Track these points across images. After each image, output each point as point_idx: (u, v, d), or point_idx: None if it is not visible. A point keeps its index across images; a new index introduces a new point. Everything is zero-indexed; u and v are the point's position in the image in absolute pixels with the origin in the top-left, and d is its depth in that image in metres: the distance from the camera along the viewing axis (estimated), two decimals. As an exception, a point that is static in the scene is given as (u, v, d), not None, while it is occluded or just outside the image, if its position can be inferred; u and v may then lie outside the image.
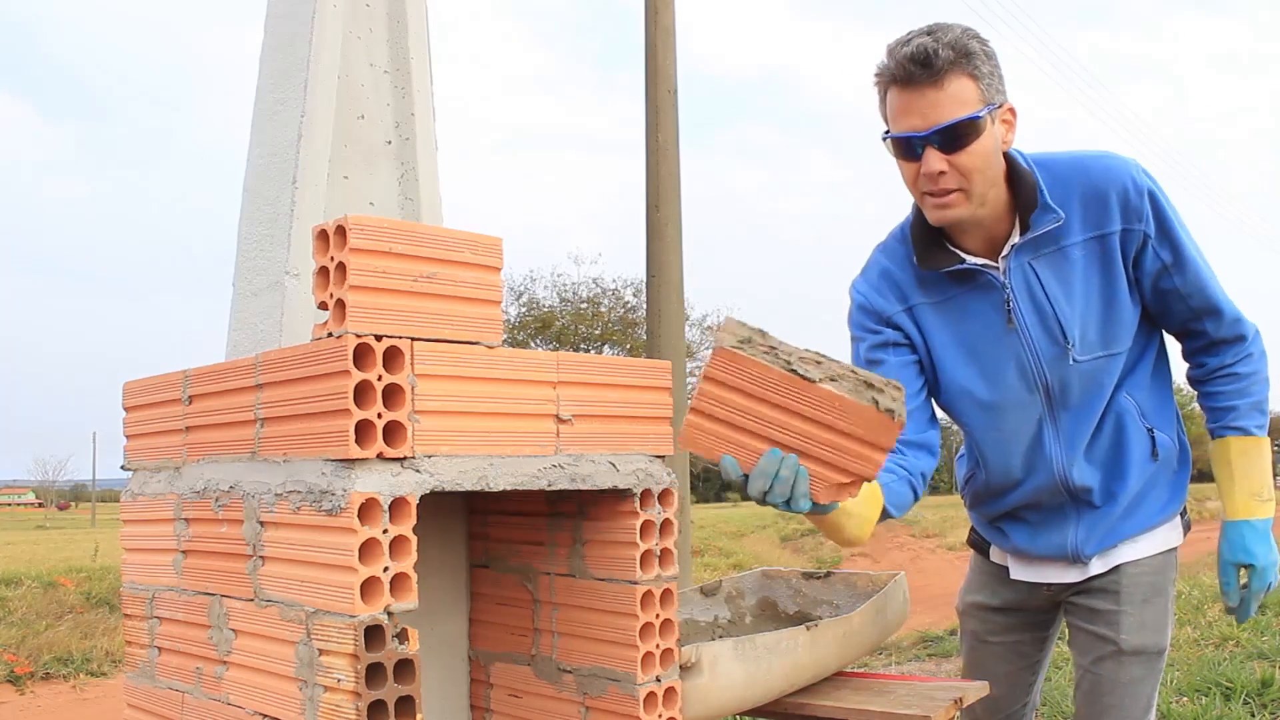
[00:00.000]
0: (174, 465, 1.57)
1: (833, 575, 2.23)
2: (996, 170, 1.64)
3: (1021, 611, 1.97)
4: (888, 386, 1.37)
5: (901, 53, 1.57)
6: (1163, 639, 1.79)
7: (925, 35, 1.57)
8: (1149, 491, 1.81)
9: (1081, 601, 1.85)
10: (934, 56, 1.54)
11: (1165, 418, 1.81)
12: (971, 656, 2.06)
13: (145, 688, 1.63)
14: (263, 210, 1.77)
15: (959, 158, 1.59)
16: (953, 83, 1.55)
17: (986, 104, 1.58)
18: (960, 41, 1.56)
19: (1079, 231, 1.67)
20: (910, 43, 1.57)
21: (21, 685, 6.42)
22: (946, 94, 1.55)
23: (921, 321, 1.80)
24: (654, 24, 8.02)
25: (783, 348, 1.42)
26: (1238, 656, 4.81)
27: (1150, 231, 1.66)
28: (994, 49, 1.62)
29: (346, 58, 1.84)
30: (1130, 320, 1.72)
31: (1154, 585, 1.79)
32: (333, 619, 1.22)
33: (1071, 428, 1.77)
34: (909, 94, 1.58)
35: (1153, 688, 1.79)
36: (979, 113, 1.57)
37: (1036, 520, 1.87)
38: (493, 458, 1.36)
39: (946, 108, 1.56)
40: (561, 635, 1.61)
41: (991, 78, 1.60)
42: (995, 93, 1.60)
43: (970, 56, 1.56)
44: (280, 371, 1.33)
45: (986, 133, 1.59)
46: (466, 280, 1.35)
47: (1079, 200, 1.66)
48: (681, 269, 7.94)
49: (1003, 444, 1.83)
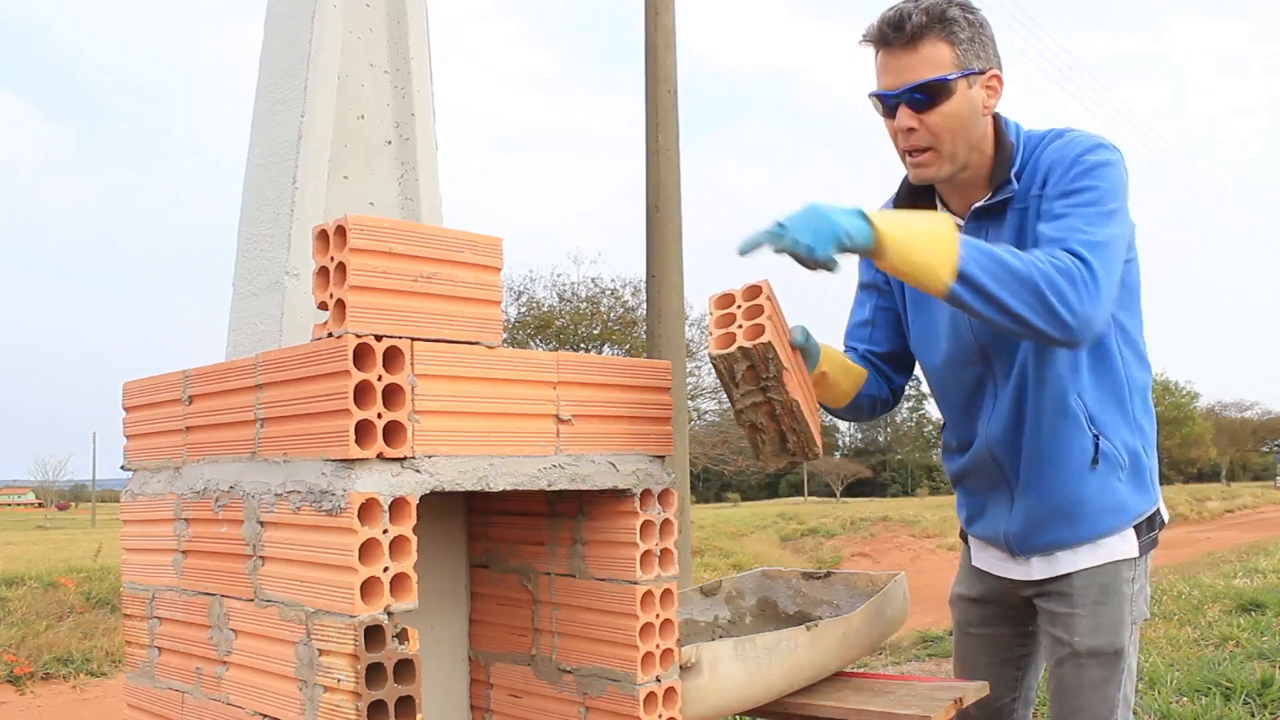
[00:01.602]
0: (174, 465, 1.57)
1: (833, 575, 2.23)
2: (974, 134, 1.70)
3: (998, 604, 1.99)
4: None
5: (882, 16, 1.67)
6: (1118, 640, 1.77)
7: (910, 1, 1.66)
8: (1089, 499, 1.77)
9: (1042, 605, 1.87)
10: (907, 20, 1.63)
11: (1116, 426, 1.77)
12: (958, 648, 2.10)
13: (145, 688, 1.63)
14: (263, 210, 1.77)
15: (929, 117, 1.66)
16: (926, 46, 1.64)
17: (962, 69, 1.65)
18: (938, 8, 1.64)
19: (1019, 199, 1.73)
20: (894, 7, 1.66)
21: (22, 685, 6.43)
22: (919, 56, 1.64)
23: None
24: (654, 24, 8.02)
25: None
26: (1238, 656, 4.81)
27: (1046, 191, 1.66)
28: (983, 19, 1.68)
29: (346, 58, 1.84)
30: None
31: (1106, 587, 1.78)
32: (333, 619, 1.22)
33: (1008, 403, 1.79)
34: (886, 55, 1.67)
35: (1117, 687, 1.79)
36: (949, 75, 1.64)
37: (977, 493, 1.93)
38: (493, 458, 1.36)
39: (917, 69, 1.64)
40: (561, 635, 1.61)
41: (972, 44, 1.66)
42: (974, 58, 1.66)
43: (947, 22, 1.64)
44: (280, 371, 1.33)
45: (959, 95, 1.66)
46: (466, 280, 1.35)
47: (1032, 167, 1.72)
48: (681, 269, 7.93)
49: (949, 397, 1.92)
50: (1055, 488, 1.79)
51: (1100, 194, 1.63)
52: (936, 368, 1.91)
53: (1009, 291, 1.51)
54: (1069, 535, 1.81)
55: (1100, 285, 1.54)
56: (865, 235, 1.51)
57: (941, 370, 1.89)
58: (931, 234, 1.53)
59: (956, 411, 1.91)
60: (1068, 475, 1.78)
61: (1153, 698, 4.04)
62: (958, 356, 1.84)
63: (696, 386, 22.35)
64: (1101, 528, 1.79)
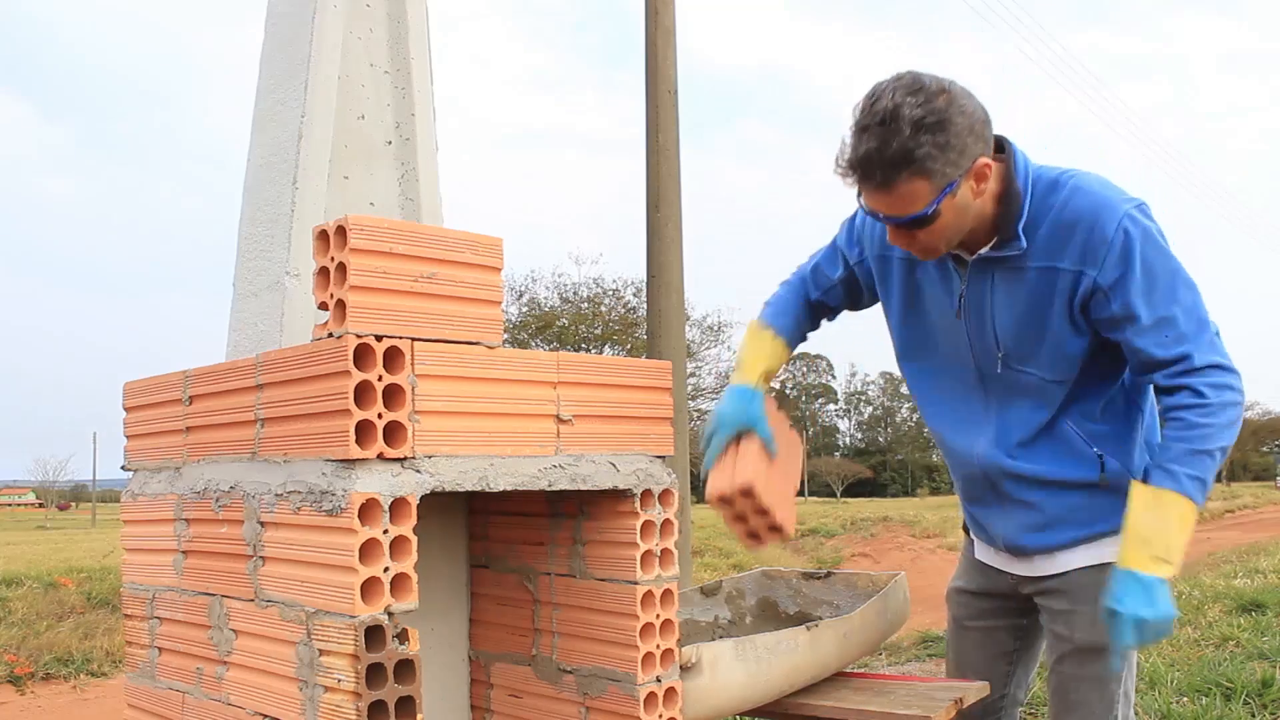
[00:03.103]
0: (174, 465, 1.57)
1: (833, 575, 2.23)
2: (971, 219, 1.69)
3: (997, 598, 2.01)
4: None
5: (851, 156, 1.62)
6: None
7: (875, 138, 1.58)
8: (1087, 505, 1.81)
9: (1043, 602, 1.90)
10: (875, 169, 1.59)
11: (1123, 450, 1.80)
12: (952, 642, 2.12)
13: (146, 688, 1.63)
14: (263, 210, 1.77)
15: (920, 235, 1.67)
16: (901, 186, 1.60)
17: (941, 191, 1.61)
18: (902, 150, 1.57)
19: (1039, 258, 1.71)
20: (863, 137, 1.59)
21: (22, 686, 6.42)
22: (895, 196, 1.61)
23: (890, 272, 1.90)
24: (654, 24, 8.02)
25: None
26: (1238, 656, 4.81)
27: (1103, 282, 1.66)
28: (951, 116, 1.58)
29: (346, 58, 1.84)
30: (1070, 353, 1.73)
31: (1105, 584, 1.78)
32: (333, 619, 1.22)
33: (1002, 421, 1.82)
34: (863, 187, 1.65)
35: (1118, 683, 1.82)
36: (927, 209, 1.62)
37: (975, 499, 1.94)
38: (493, 458, 1.36)
39: (897, 206, 1.63)
40: (561, 635, 1.61)
41: (947, 159, 1.59)
42: (952, 170, 1.60)
43: (915, 161, 1.57)
44: (280, 372, 1.33)
45: (945, 209, 1.64)
46: (467, 280, 1.35)
47: (1051, 227, 1.69)
48: (681, 269, 7.94)
49: (940, 404, 1.93)
50: (1053, 500, 1.82)
51: (1161, 271, 1.66)
52: (930, 373, 1.92)
53: (1217, 461, 1.67)
54: (1068, 537, 1.83)
55: (1219, 355, 1.67)
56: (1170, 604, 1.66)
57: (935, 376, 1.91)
58: (1182, 522, 1.64)
59: (951, 425, 1.92)
60: (1067, 491, 1.81)
61: (1153, 698, 4.04)
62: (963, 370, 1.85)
63: (696, 387, 22.36)
64: (1101, 527, 1.81)
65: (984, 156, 1.63)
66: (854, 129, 1.61)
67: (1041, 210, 1.69)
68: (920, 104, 1.56)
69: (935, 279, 1.82)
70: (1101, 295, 1.66)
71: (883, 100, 1.58)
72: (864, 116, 1.59)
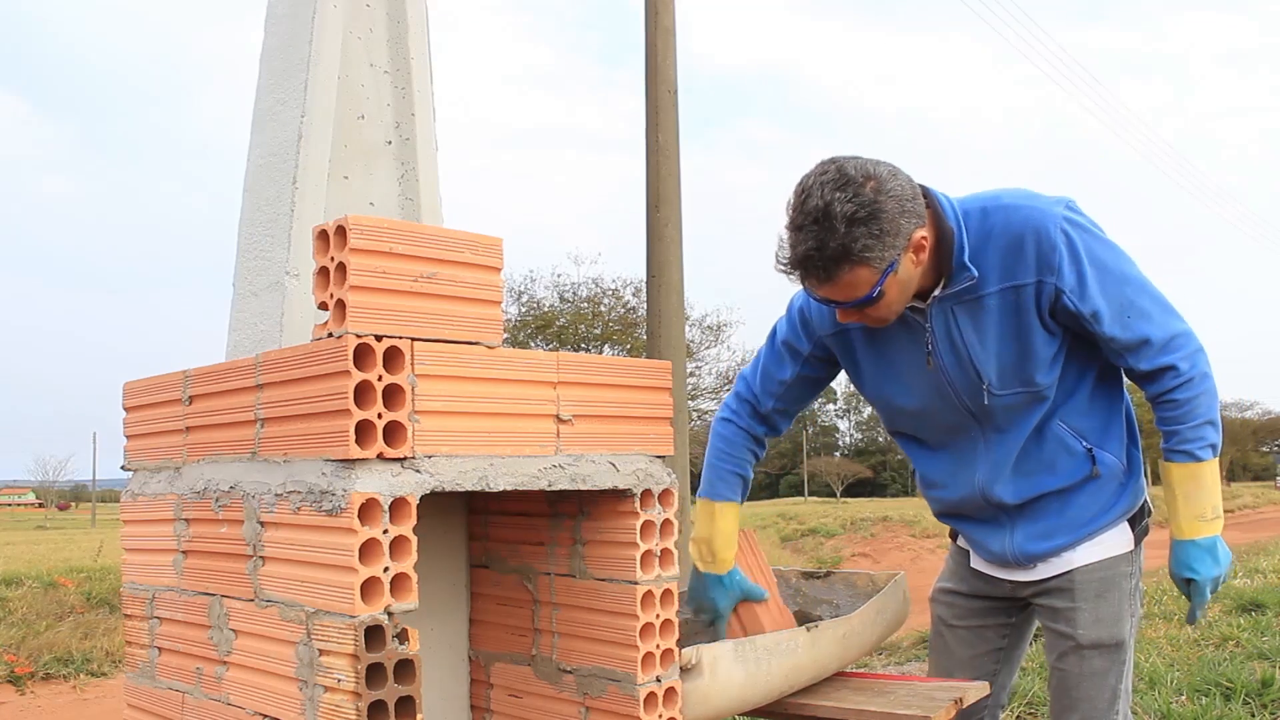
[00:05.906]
0: (174, 465, 1.57)
1: (833, 575, 2.23)
2: (915, 283, 1.73)
3: (989, 600, 2.04)
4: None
5: (790, 255, 1.65)
6: (1119, 632, 1.86)
7: (811, 237, 1.61)
8: (1087, 503, 1.87)
9: (1043, 601, 1.94)
10: (814, 268, 1.63)
11: (1109, 437, 1.87)
12: (936, 643, 2.14)
13: (145, 688, 1.63)
14: (263, 210, 1.77)
15: (869, 312, 1.73)
16: (844, 277, 1.64)
17: (883, 273, 1.65)
18: (843, 244, 1.60)
19: (994, 282, 1.74)
20: (800, 236, 1.62)
21: (22, 685, 6.42)
22: (841, 285, 1.66)
23: (851, 343, 1.92)
24: (654, 25, 8.02)
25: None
26: (1238, 656, 4.81)
27: (1064, 286, 1.71)
28: (883, 205, 1.61)
29: (346, 58, 1.84)
30: (1049, 361, 1.78)
31: (1106, 580, 1.87)
32: (333, 619, 1.22)
33: (999, 449, 1.86)
34: (806, 282, 1.69)
35: (1117, 679, 1.87)
36: (872, 293, 1.67)
37: (973, 521, 1.97)
38: (493, 458, 1.36)
39: (843, 293, 1.68)
40: (561, 635, 1.61)
41: (884, 246, 1.62)
42: (891, 251, 1.64)
43: (854, 255, 1.61)
44: (280, 372, 1.33)
45: (890, 287, 1.68)
46: (466, 280, 1.35)
47: (998, 251, 1.73)
48: (681, 269, 7.93)
49: (928, 451, 1.97)
50: (1056, 507, 1.87)
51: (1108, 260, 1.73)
52: (914, 419, 1.94)
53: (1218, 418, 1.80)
54: (1072, 537, 1.88)
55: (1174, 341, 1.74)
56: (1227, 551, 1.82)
57: (918, 419, 1.93)
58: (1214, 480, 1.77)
59: (939, 460, 1.95)
60: (1067, 494, 1.87)
61: (1153, 697, 4.04)
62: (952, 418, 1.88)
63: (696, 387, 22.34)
64: (1100, 524, 1.87)
65: (919, 229, 1.67)
66: (789, 228, 1.65)
67: (981, 238, 1.73)
68: (850, 198, 1.60)
69: (898, 334, 1.84)
70: (1066, 298, 1.71)
71: (813, 199, 1.61)
72: (797, 216, 1.63)
